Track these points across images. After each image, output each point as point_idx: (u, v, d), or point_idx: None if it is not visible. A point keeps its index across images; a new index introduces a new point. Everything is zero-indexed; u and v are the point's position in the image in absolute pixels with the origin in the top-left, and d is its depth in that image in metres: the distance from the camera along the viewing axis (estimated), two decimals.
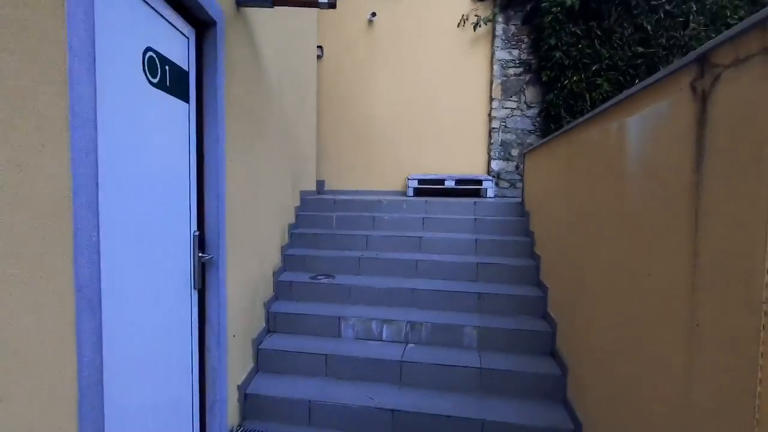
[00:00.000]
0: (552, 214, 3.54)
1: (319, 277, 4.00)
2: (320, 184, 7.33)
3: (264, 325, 3.52)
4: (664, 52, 5.61)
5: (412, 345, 3.35)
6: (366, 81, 7.18)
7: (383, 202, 5.05)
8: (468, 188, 6.36)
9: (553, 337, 3.18)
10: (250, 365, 3.16)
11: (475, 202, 5.00)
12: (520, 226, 4.55)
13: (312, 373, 3.19)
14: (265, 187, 3.53)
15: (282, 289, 3.89)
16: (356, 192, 7.23)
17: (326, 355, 3.19)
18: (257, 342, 3.30)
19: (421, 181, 6.45)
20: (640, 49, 5.66)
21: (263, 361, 3.26)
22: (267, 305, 3.60)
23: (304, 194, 5.43)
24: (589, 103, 5.66)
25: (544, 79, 6.31)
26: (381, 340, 3.43)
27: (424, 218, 4.66)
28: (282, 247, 4.23)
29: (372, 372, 3.13)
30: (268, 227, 3.69)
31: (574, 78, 5.82)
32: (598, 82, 5.71)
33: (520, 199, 5.22)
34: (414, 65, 7.05)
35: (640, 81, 3.07)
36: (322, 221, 4.85)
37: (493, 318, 3.47)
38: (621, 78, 5.68)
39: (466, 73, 6.97)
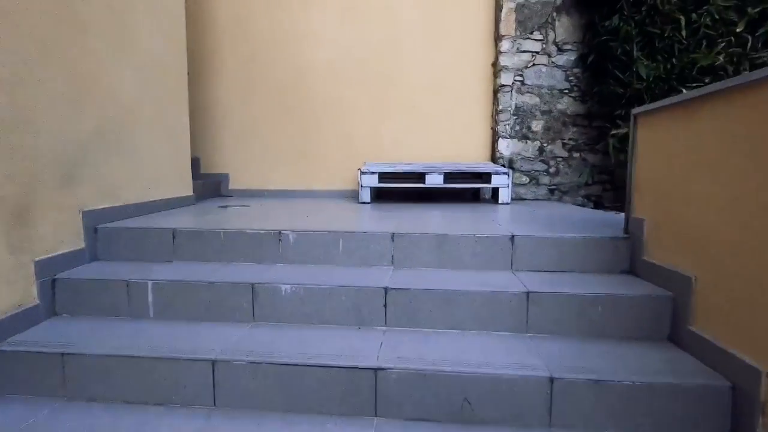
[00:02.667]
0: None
1: None
2: (219, 182, 4.46)
3: None
4: None
5: None
6: (295, 11, 4.33)
7: (290, 239, 2.28)
8: (465, 187, 3.68)
9: None
10: None
11: (512, 240, 2.32)
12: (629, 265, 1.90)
13: None
14: None
15: None
16: (278, 194, 4.41)
17: None
18: None
19: (383, 176, 3.70)
20: None
21: None
22: None
23: (153, 206, 2.62)
24: (687, 36, 3.02)
25: None
26: None
27: (386, 288, 1.90)
28: None
29: None
30: None
31: None
32: None
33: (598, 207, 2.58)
34: None
35: None
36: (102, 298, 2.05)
37: None
38: None
39: (457, 2, 4.23)
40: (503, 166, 4.11)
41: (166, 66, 3.11)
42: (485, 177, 3.62)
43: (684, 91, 2.87)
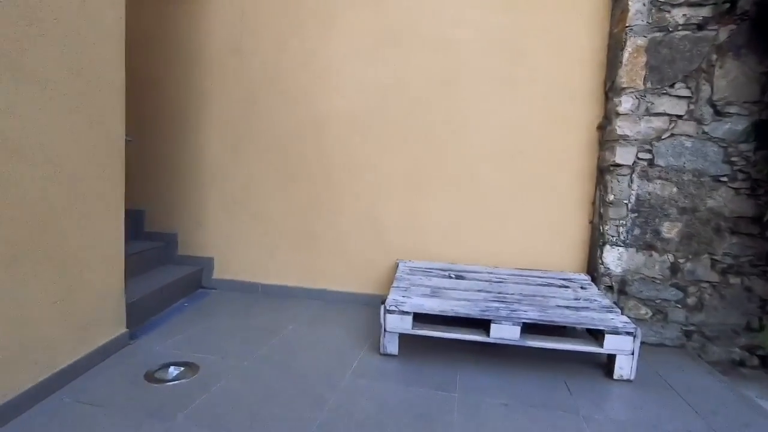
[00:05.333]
0: None
1: None
2: (200, 269, 3.28)
3: None
4: None
5: None
6: (310, 39, 3.09)
7: None
8: (555, 348, 2.21)
9: None
10: None
11: None
12: None
13: None
14: None
15: None
16: (275, 292, 3.15)
17: None
18: None
19: (420, 317, 2.28)
20: None
21: None
22: None
23: None
24: None
25: None
26: None
27: None
28: None
29: None
30: None
31: None
32: None
33: None
34: (415, 8, 2.94)
35: None
36: None
37: None
38: None
39: (544, 26, 2.83)
40: (612, 286, 2.64)
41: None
42: (600, 336, 2.17)
43: None
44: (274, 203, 3.22)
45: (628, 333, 2.07)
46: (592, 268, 2.81)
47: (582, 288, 2.59)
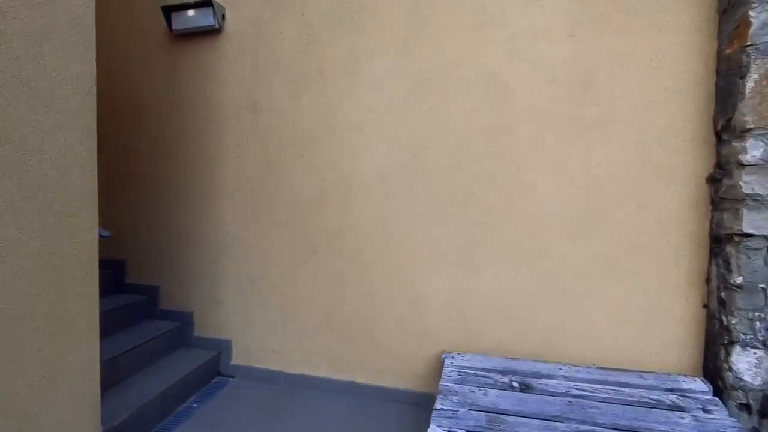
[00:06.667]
0: None
1: None
2: (217, 353, 2.88)
3: None
4: None
5: None
6: (330, 90, 2.65)
7: None
8: None
9: None
10: None
11: None
12: None
13: None
14: None
15: None
16: (301, 383, 2.65)
17: None
18: None
19: None
20: None
21: None
22: None
23: None
24: None
25: None
26: None
27: None
28: None
29: None
30: None
31: None
32: None
33: None
34: (452, 45, 2.41)
35: None
36: None
37: None
38: None
39: (626, 50, 2.18)
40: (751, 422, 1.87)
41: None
42: None
43: None
44: (297, 279, 2.77)
45: None
46: (713, 372, 2.05)
47: (704, 410, 1.85)
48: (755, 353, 1.89)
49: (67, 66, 1.55)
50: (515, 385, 2.08)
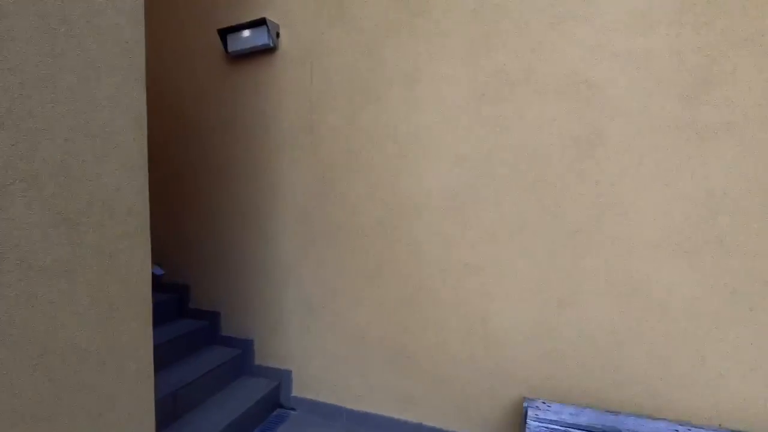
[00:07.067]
0: None
1: None
2: (277, 384, 2.78)
3: None
4: None
5: None
6: (389, 106, 2.45)
7: None
8: None
9: None
10: None
11: None
12: None
13: None
14: None
15: None
16: (363, 422, 2.48)
17: None
18: None
19: None
20: None
21: None
22: None
23: None
24: None
25: None
26: None
27: None
28: None
29: None
30: None
31: None
32: None
33: None
34: (526, 47, 2.10)
35: None
36: None
37: None
38: None
39: (748, 36, 1.76)
40: None
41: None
42: None
43: None
44: (359, 308, 2.58)
45: None
46: None
47: None
48: None
49: (117, 98, 1.47)
50: None
